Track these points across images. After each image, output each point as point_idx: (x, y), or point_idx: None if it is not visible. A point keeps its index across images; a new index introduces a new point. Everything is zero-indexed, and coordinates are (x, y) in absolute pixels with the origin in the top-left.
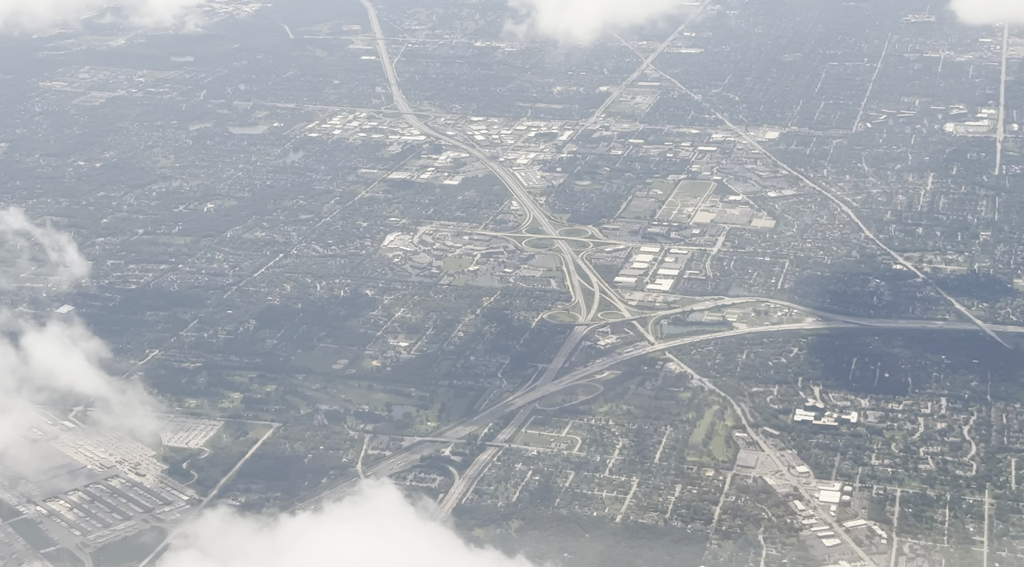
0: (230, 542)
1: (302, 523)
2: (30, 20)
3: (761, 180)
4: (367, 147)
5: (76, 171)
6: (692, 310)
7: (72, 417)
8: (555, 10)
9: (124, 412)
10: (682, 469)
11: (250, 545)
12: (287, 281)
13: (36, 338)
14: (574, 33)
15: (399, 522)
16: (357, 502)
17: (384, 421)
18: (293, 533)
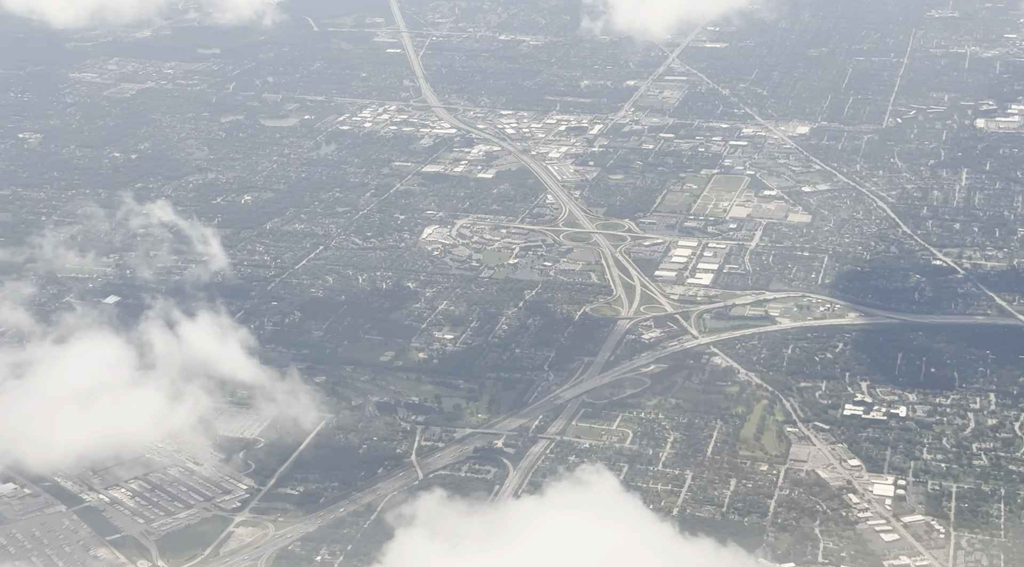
0: (449, 523)
1: (520, 507)
2: (115, 15)
3: (795, 175)
4: (399, 140)
5: (112, 162)
6: (734, 304)
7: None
8: (631, 7)
9: (286, 399)
10: (735, 463)
11: (470, 527)
12: (329, 273)
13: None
14: (650, 30)
15: (618, 508)
16: (575, 487)
17: (434, 413)
18: (513, 516)
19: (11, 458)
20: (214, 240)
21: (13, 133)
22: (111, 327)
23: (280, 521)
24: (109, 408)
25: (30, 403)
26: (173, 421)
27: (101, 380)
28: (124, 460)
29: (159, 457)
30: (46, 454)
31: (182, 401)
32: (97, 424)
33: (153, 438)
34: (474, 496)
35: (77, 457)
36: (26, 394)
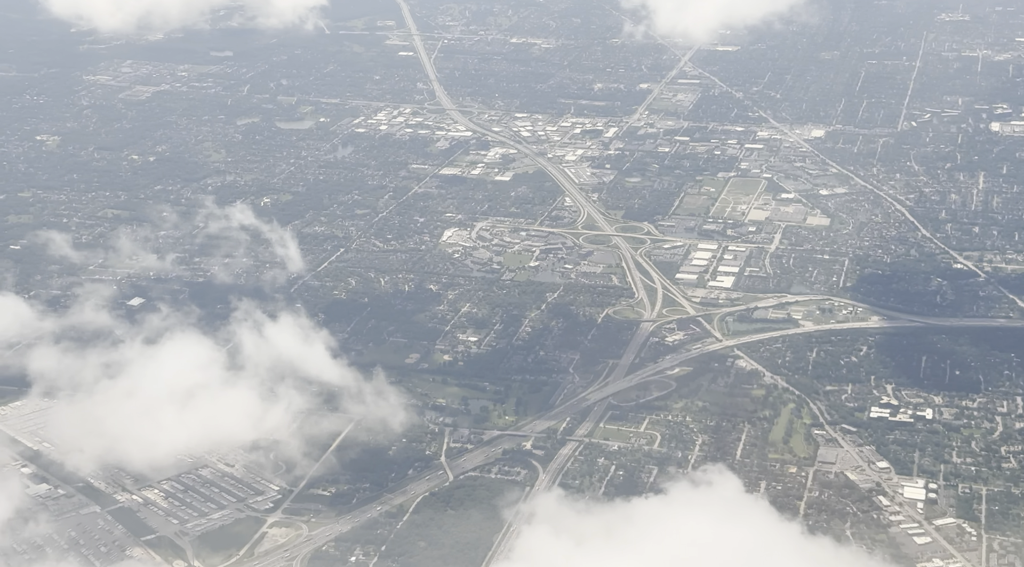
0: (570, 522)
1: (643, 506)
2: (162, 20)
3: (811, 178)
4: (415, 143)
5: (131, 165)
6: (756, 307)
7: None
8: (672, 11)
9: (374, 401)
10: (765, 466)
11: (591, 526)
12: (351, 275)
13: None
14: (692, 34)
15: (743, 509)
16: (698, 488)
17: (462, 415)
18: (635, 516)
19: (113, 457)
20: (292, 243)
21: (31, 135)
22: (197, 328)
23: (313, 522)
24: (207, 408)
25: (129, 403)
26: (269, 421)
27: (196, 380)
28: (220, 456)
29: (189, 458)
30: (148, 453)
31: (276, 401)
32: (196, 424)
33: (250, 438)
34: (589, 496)
35: (177, 457)
36: (121, 394)
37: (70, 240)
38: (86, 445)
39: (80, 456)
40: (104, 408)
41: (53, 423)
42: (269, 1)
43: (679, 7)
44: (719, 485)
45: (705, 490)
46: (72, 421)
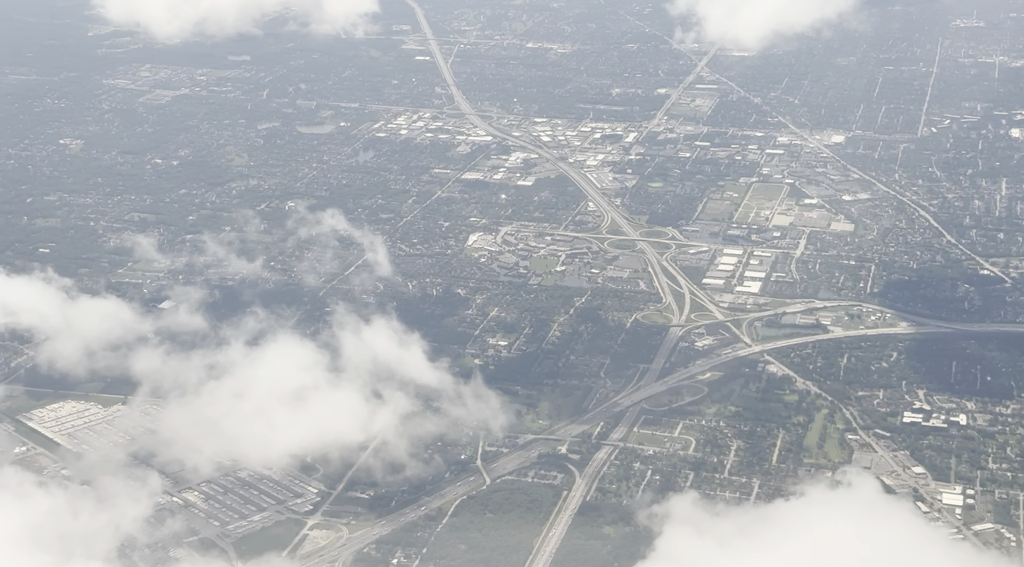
0: (707, 524)
1: (780, 509)
2: (216, 27)
3: (834, 184)
4: (436, 147)
5: (155, 169)
6: (784, 313)
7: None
8: (722, 17)
9: (474, 403)
10: (801, 470)
11: (729, 527)
12: (378, 280)
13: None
14: (742, 40)
15: (886, 512)
16: (839, 490)
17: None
18: (775, 518)
19: (229, 456)
20: (381, 248)
21: (54, 139)
22: (293, 331)
23: (353, 524)
24: (316, 409)
25: (238, 404)
26: (378, 422)
27: (301, 382)
28: (332, 459)
29: (228, 461)
30: (263, 453)
31: (383, 403)
32: (308, 425)
33: (359, 439)
34: (721, 500)
35: (290, 456)
36: (228, 395)
37: (155, 243)
38: (203, 445)
39: (199, 456)
40: (214, 409)
41: (165, 423)
42: (321, 7)
43: (729, 14)
44: (858, 486)
45: (844, 491)
46: (184, 422)
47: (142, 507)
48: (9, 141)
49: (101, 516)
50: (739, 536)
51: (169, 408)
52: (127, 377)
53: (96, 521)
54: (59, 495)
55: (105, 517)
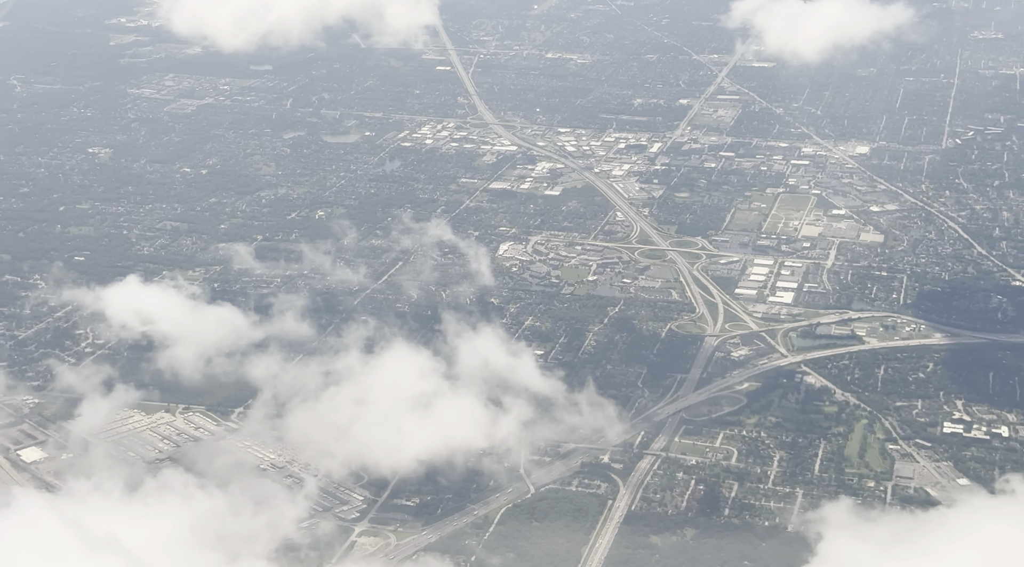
0: (864, 530)
1: (939, 516)
2: (282, 40)
3: (861, 194)
4: (461, 157)
5: (184, 177)
6: (819, 323)
7: (235, 418)
8: (782, 30)
9: (590, 412)
10: (843, 480)
11: (886, 534)
12: (412, 288)
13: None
14: (802, 53)
15: None
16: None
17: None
18: (934, 524)
19: (358, 462)
20: (485, 259)
21: (82, 148)
22: (404, 338)
23: (400, 531)
24: (440, 415)
25: (367, 409)
26: (502, 429)
27: (422, 389)
28: (456, 465)
29: (271, 469)
30: (391, 459)
31: (504, 410)
32: (433, 431)
33: (483, 446)
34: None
35: (417, 462)
36: (349, 401)
37: (253, 252)
38: (336, 450)
39: (332, 461)
40: (336, 415)
41: (292, 428)
42: (382, 19)
43: (788, 26)
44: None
45: (1007, 500)
46: (311, 427)
47: (298, 509)
48: (38, 149)
49: (260, 517)
50: (897, 543)
51: (294, 414)
52: (244, 383)
53: (255, 522)
54: (218, 496)
55: (264, 518)
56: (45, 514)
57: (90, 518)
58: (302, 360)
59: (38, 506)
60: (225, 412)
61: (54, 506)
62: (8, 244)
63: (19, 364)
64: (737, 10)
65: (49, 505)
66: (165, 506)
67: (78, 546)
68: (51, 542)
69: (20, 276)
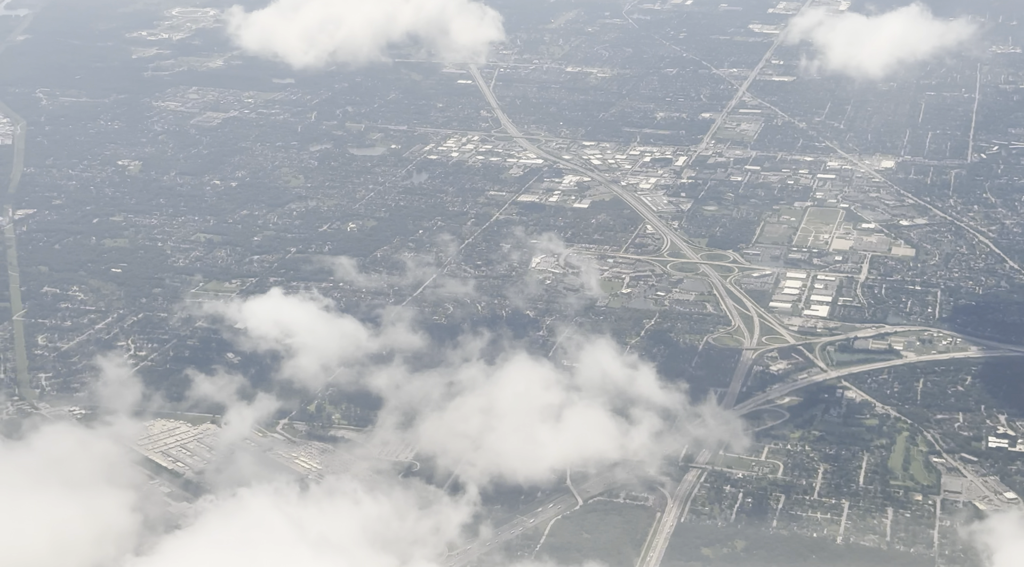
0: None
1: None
2: (351, 56)
3: (889, 208)
4: (488, 169)
5: (214, 190)
6: (856, 337)
7: (280, 429)
8: (846, 46)
9: (714, 424)
10: (889, 493)
11: None
12: (447, 300)
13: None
14: (866, 69)
15: None
16: None
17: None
18: None
19: (495, 471)
20: (593, 274)
21: (112, 160)
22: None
23: (451, 543)
24: (571, 425)
25: (498, 419)
26: (635, 439)
27: (548, 400)
28: (590, 475)
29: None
30: (529, 468)
31: (632, 421)
32: (567, 441)
33: (616, 456)
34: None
35: (551, 471)
36: (477, 411)
37: (356, 264)
38: (475, 459)
39: (471, 469)
40: (468, 424)
41: (424, 437)
42: (447, 35)
43: (851, 42)
44: None
45: None
46: (443, 436)
47: (461, 514)
48: (68, 162)
49: (426, 521)
50: None
51: (425, 424)
52: (367, 393)
53: (421, 526)
54: (385, 501)
55: (430, 522)
56: (271, 514)
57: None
58: (422, 371)
59: (265, 506)
60: (360, 422)
61: (278, 507)
62: (45, 256)
63: (159, 377)
64: (795, 26)
65: (274, 505)
66: (337, 510)
67: (303, 545)
68: (278, 540)
69: (59, 288)
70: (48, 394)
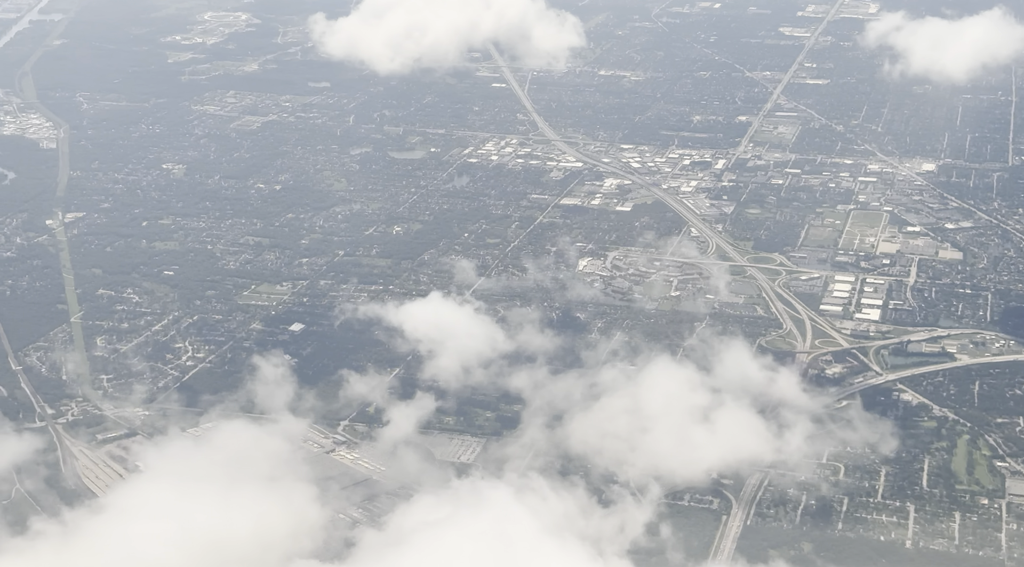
0: None
1: None
2: (436, 63)
3: (933, 212)
4: (528, 173)
5: (259, 193)
6: (909, 341)
7: (341, 430)
8: (928, 50)
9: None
10: (954, 496)
11: None
12: (498, 303)
13: None
14: (949, 72)
15: None
16: None
17: None
18: None
19: (655, 472)
20: (722, 278)
21: (156, 164)
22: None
23: None
24: (723, 427)
25: (650, 421)
26: (790, 443)
27: (695, 401)
28: (743, 478)
29: (383, 480)
30: (687, 469)
31: (783, 424)
32: (723, 443)
33: (771, 459)
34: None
35: (706, 473)
36: (624, 412)
37: (474, 267)
38: (632, 459)
39: (631, 470)
40: (617, 425)
41: (573, 438)
42: (528, 40)
43: (934, 46)
44: None
45: None
46: (594, 436)
47: (645, 513)
48: (114, 165)
49: (611, 519)
50: None
51: (574, 424)
52: (508, 393)
53: (606, 524)
54: (569, 499)
55: (615, 520)
56: (512, 508)
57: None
58: (561, 372)
59: (505, 500)
60: (506, 423)
61: (521, 501)
62: (97, 259)
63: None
64: (872, 30)
65: (515, 500)
66: (525, 506)
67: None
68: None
69: (114, 290)
70: (111, 395)
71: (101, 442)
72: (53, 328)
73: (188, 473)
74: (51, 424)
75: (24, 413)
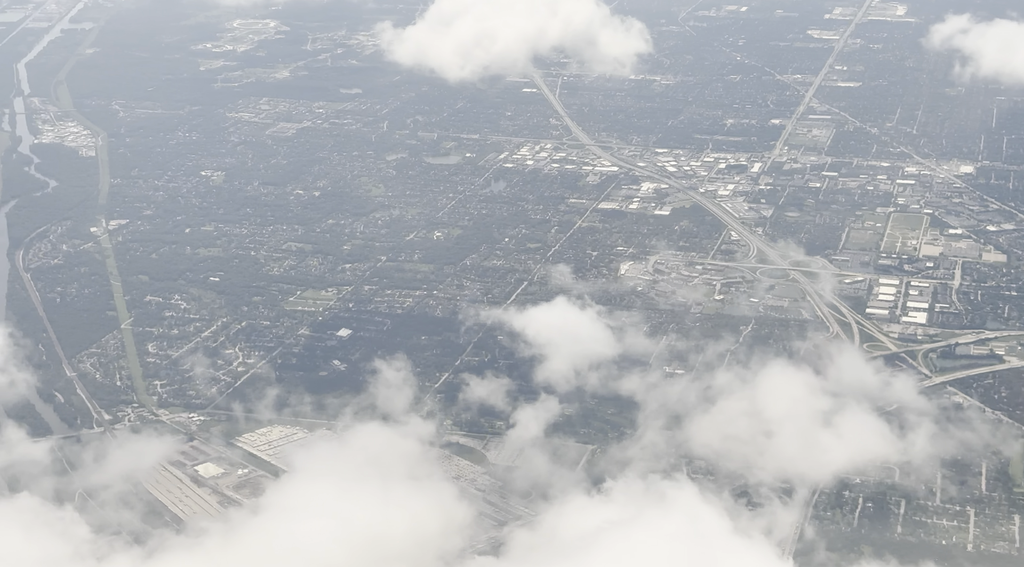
0: None
1: None
2: (504, 71)
3: (974, 214)
4: (565, 177)
5: (298, 199)
6: (957, 343)
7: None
8: (997, 53)
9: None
10: (1014, 500)
11: None
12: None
13: None
14: (1019, 75)
15: None
16: None
17: None
18: None
19: (785, 475)
20: (829, 282)
21: (195, 171)
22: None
23: None
24: (846, 430)
25: (773, 424)
26: (915, 444)
27: (815, 404)
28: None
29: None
30: (815, 472)
31: (907, 425)
32: (848, 445)
33: (891, 462)
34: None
35: (834, 475)
36: (744, 415)
37: (570, 272)
38: (763, 463)
39: (761, 473)
40: (739, 428)
41: (695, 441)
42: (595, 47)
43: (1003, 48)
44: None
45: None
46: (717, 440)
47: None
48: (153, 173)
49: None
50: None
51: (695, 427)
52: (620, 396)
53: (753, 526)
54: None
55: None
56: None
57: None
58: (672, 375)
59: (692, 500)
60: (622, 426)
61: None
62: (143, 265)
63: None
64: (937, 33)
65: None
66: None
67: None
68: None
69: (161, 296)
70: (165, 402)
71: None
72: (104, 335)
73: (339, 472)
74: (108, 429)
75: (81, 418)
